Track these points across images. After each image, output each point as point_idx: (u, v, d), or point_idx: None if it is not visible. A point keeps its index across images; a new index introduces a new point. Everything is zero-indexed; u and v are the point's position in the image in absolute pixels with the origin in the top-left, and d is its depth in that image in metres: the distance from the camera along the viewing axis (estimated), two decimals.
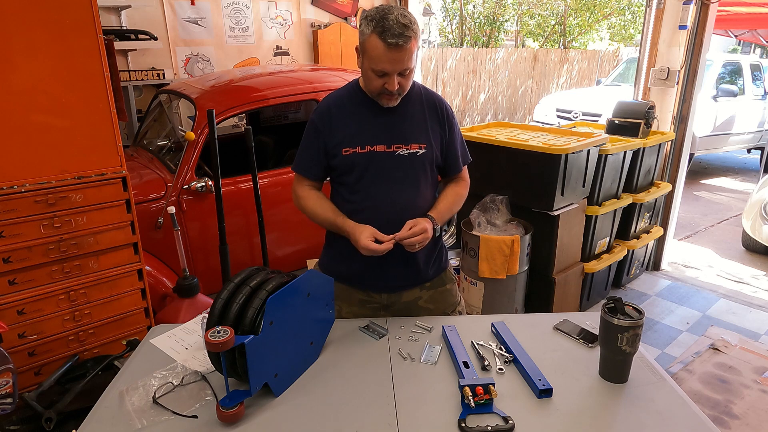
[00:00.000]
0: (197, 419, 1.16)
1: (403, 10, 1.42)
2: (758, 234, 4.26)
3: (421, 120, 1.57)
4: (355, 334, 1.50)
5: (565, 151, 2.71)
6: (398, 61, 1.41)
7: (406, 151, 1.54)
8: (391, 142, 1.54)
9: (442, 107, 1.62)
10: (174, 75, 4.11)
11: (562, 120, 7.46)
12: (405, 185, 1.56)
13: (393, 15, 1.38)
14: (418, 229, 1.45)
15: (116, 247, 2.18)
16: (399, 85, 1.45)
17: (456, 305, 1.75)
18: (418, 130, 1.56)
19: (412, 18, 1.41)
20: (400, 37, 1.36)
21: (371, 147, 1.53)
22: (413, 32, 1.39)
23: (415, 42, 1.41)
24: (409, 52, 1.41)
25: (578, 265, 3.20)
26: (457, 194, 1.68)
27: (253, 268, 1.36)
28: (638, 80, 3.88)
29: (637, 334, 1.22)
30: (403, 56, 1.40)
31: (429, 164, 1.58)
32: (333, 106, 1.58)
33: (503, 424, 1.12)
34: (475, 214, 2.90)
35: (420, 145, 1.55)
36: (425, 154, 1.56)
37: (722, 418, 2.39)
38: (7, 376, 1.43)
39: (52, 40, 1.88)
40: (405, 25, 1.37)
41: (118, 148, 2.10)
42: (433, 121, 1.59)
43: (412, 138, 1.55)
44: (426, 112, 1.58)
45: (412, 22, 1.40)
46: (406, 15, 1.40)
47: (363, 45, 1.44)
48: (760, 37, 7.65)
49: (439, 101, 1.63)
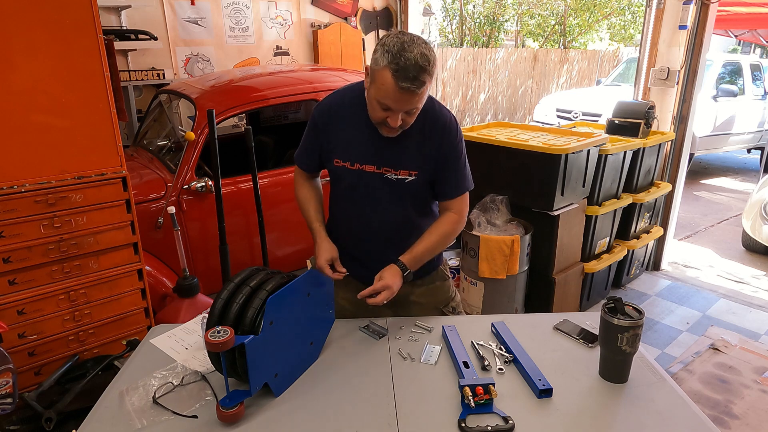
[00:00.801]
0: (197, 419, 1.16)
1: (424, 47, 1.29)
2: (758, 234, 4.26)
3: (417, 146, 1.48)
4: (355, 334, 1.50)
5: (565, 151, 2.71)
6: (407, 102, 1.33)
7: (395, 176, 1.50)
8: (381, 165, 1.50)
9: (444, 134, 1.49)
10: (174, 75, 4.12)
11: (562, 120, 7.45)
12: (391, 206, 1.55)
13: (412, 54, 1.27)
14: (380, 286, 1.43)
15: (116, 247, 2.18)
16: (402, 121, 1.38)
17: (449, 300, 1.76)
18: (411, 156, 1.49)
19: (431, 57, 1.30)
20: (415, 81, 1.28)
21: (360, 165, 1.51)
22: (429, 75, 1.30)
23: (429, 83, 1.32)
24: (421, 95, 1.33)
25: (578, 265, 3.20)
26: (443, 234, 1.56)
27: (253, 268, 1.36)
28: (638, 80, 3.88)
29: (637, 334, 1.22)
30: (414, 99, 1.32)
31: (420, 189, 1.54)
32: (333, 109, 1.55)
33: (503, 424, 1.12)
34: (475, 214, 2.90)
35: (411, 172, 1.49)
36: (415, 182, 1.50)
37: (722, 418, 2.39)
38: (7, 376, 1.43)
39: (52, 40, 1.88)
40: (422, 68, 1.27)
41: (118, 148, 2.10)
42: (431, 147, 1.49)
43: (402, 165, 1.49)
44: (425, 137, 1.48)
45: (430, 63, 1.29)
46: (425, 55, 1.28)
47: (374, 73, 1.33)
48: (760, 37, 7.65)
49: (444, 127, 1.49)
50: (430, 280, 1.71)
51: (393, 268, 1.48)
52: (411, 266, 1.50)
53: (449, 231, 1.57)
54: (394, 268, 1.48)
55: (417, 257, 1.51)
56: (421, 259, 1.53)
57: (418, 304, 1.69)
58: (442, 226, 1.56)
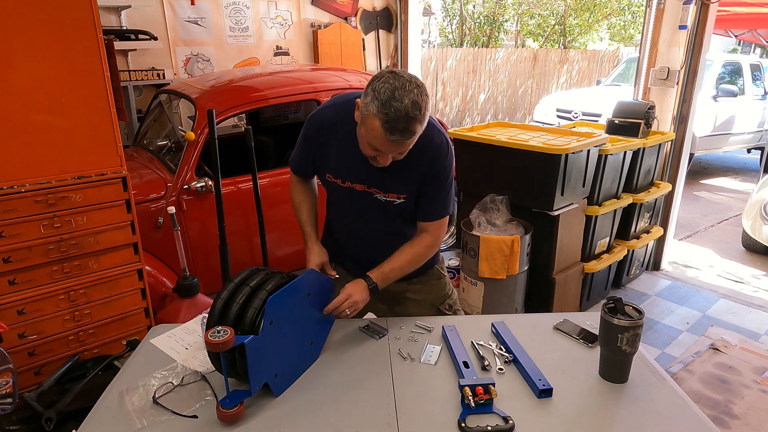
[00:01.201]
0: (197, 419, 1.16)
1: (416, 93, 1.24)
2: (758, 234, 4.26)
3: (408, 171, 1.47)
4: (355, 334, 1.50)
5: (565, 151, 2.71)
6: (397, 148, 1.32)
7: (383, 198, 1.51)
8: (371, 185, 1.51)
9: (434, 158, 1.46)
10: (174, 75, 4.12)
11: (562, 120, 7.45)
12: (379, 223, 1.57)
13: (402, 104, 1.22)
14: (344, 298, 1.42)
15: (116, 247, 2.17)
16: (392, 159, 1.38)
17: (446, 298, 1.77)
18: (400, 181, 1.48)
19: (422, 103, 1.25)
20: (404, 132, 1.25)
21: (351, 184, 1.53)
22: (420, 123, 1.27)
23: (420, 129, 1.29)
24: (412, 141, 1.31)
25: (578, 265, 3.20)
26: (416, 254, 1.55)
27: (253, 268, 1.36)
28: (638, 80, 3.87)
29: (637, 334, 1.22)
30: (404, 146, 1.31)
31: (405, 210, 1.54)
32: (325, 126, 1.52)
33: (503, 424, 1.12)
34: (475, 214, 2.90)
35: (400, 196, 1.50)
36: (403, 204, 1.51)
37: (722, 418, 2.39)
38: (7, 376, 1.43)
39: (52, 40, 1.88)
40: (412, 118, 1.24)
41: (118, 148, 2.10)
42: (419, 171, 1.47)
43: (391, 188, 1.49)
44: (414, 161, 1.45)
45: (421, 111, 1.25)
46: (417, 103, 1.24)
47: (363, 116, 1.30)
48: (760, 37, 7.65)
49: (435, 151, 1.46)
50: (426, 278, 1.73)
51: (360, 282, 1.48)
52: (379, 283, 1.49)
53: (421, 253, 1.56)
54: (361, 283, 1.48)
55: (385, 275, 1.51)
56: (389, 277, 1.52)
57: (413, 301, 1.71)
58: (415, 247, 1.55)
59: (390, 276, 1.52)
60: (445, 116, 10.79)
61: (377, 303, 1.70)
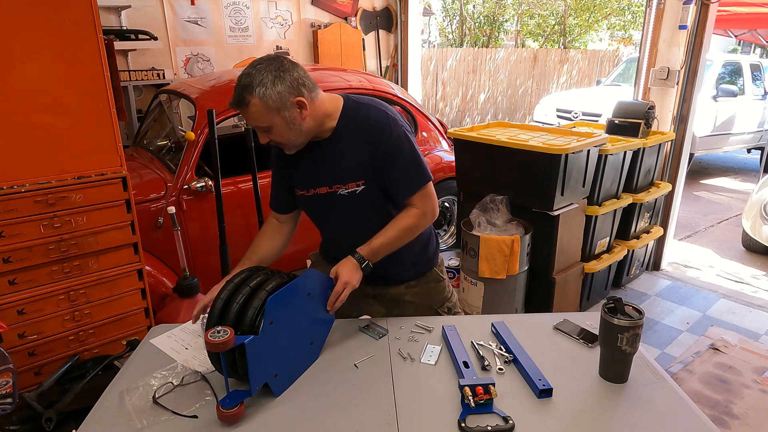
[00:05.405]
0: (197, 419, 1.16)
1: (256, 68, 1.34)
2: (758, 234, 4.26)
3: (355, 155, 1.48)
4: (355, 334, 1.50)
5: (565, 151, 2.71)
6: (249, 120, 1.39)
7: (346, 191, 1.51)
8: (331, 183, 1.51)
9: (376, 135, 1.46)
10: (174, 75, 4.12)
11: (562, 120, 7.45)
12: (355, 220, 1.56)
13: (240, 79, 1.34)
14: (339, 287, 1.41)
15: (116, 247, 2.18)
16: (269, 139, 1.42)
17: (445, 301, 1.76)
18: (353, 167, 1.49)
19: (257, 76, 1.32)
20: (240, 102, 1.34)
21: (314, 190, 1.55)
22: (251, 94, 1.32)
23: (255, 100, 1.33)
24: (255, 114, 1.35)
25: (578, 265, 3.20)
26: (404, 228, 1.51)
27: (253, 268, 1.36)
28: (638, 80, 3.88)
29: (637, 334, 1.22)
30: (248, 116, 1.37)
31: (374, 198, 1.52)
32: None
33: (503, 424, 1.12)
34: (475, 214, 2.90)
35: (357, 183, 1.49)
36: (366, 191, 1.50)
37: (722, 418, 2.39)
38: (7, 376, 1.43)
39: (52, 40, 1.88)
40: (243, 88, 1.33)
41: (118, 148, 2.10)
42: (369, 150, 1.47)
43: (348, 177, 1.49)
44: (361, 146, 1.47)
45: (253, 83, 1.32)
46: (249, 74, 1.33)
47: None
48: (760, 37, 7.65)
49: (373, 129, 1.47)
50: (424, 281, 1.71)
51: (350, 261, 1.45)
52: (369, 258, 1.47)
53: (410, 224, 1.52)
54: (351, 262, 1.45)
55: (375, 250, 1.48)
56: (378, 252, 1.49)
57: (412, 304, 1.70)
58: (403, 220, 1.52)
59: (380, 251, 1.49)
60: (445, 116, 10.80)
61: (375, 306, 1.69)
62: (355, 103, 1.51)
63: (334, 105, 1.49)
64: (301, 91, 1.38)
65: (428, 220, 1.56)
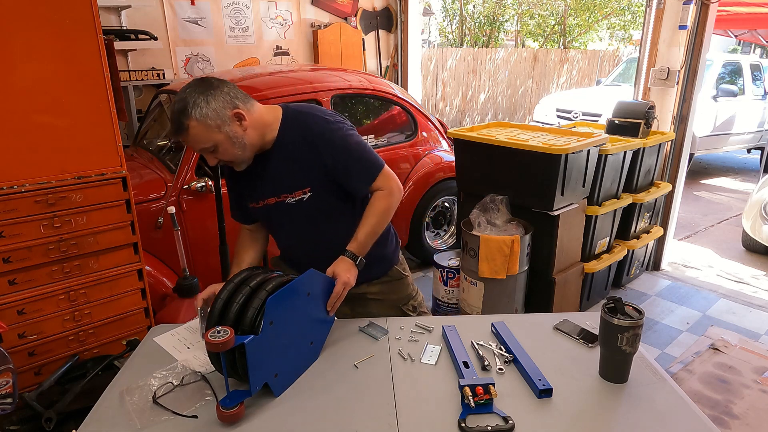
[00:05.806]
0: (197, 419, 1.16)
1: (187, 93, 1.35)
2: (758, 234, 4.26)
3: (299, 164, 1.51)
4: (355, 334, 1.51)
5: (565, 151, 2.71)
6: (192, 145, 1.41)
7: (293, 200, 1.54)
8: (279, 193, 1.54)
9: (320, 143, 1.49)
10: (174, 75, 4.12)
11: (562, 120, 7.45)
12: (306, 228, 1.60)
13: (173, 107, 1.36)
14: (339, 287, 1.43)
15: (116, 247, 2.17)
16: (218, 161, 1.45)
17: (410, 298, 1.79)
18: (298, 175, 1.52)
19: (190, 101, 1.34)
20: (178, 130, 1.36)
21: (264, 201, 1.57)
22: (187, 118, 1.34)
23: (193, 123, 1.35)
24: (196, 136, 1.37)
25: (578, 265, 3.20)
26: (379, 212, 1.54)
27: (253, 268, 1.36)
28: (638, 80, 3.87)
29: (637, 334, 1.22)
30: (191, 140, 1.39)
31: (322, 204, 1.55)
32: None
33: (503, 424, 1.12)
34: (475, 214, 2.90)
35: (303, 191, 1.52)
36: (313, 197, 1.53)
37: (722, 418, 2.39)
38: (7, 376, 1.43)
39: (52, 40, 1.88)
40: (180, 112, 1.34)
41: (118, 148, 2.10)
42: (313, 157, 1.50)
43: (294, 186, 1.53)
44: (304, 154, 1.50)
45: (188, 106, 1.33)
46: (183, 100, 1.34)
47: None
48: (760, 37, 7.65)
49: (318, 136, 1.49)
50: (386, 279, 1.75)
51: (344, 261, 1.49)
52: (360, 252, 1.51)
53: (384, 206, 1.55)
54: (346, 261, 1.48)
55: (362, 243, 1.52)
56: (366, 243, 1.52)
57: (375, 301, 1.72)
58: (375, 204, 1.55)
59: (367, 241, 1.52)
60: (445, 116, 10.80)
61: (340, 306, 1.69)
62: (294, 112, 1.53)
63: (273, 115, 1.51)
64: (236, 104, 1.40)
65: (397, 197, 1.58)
